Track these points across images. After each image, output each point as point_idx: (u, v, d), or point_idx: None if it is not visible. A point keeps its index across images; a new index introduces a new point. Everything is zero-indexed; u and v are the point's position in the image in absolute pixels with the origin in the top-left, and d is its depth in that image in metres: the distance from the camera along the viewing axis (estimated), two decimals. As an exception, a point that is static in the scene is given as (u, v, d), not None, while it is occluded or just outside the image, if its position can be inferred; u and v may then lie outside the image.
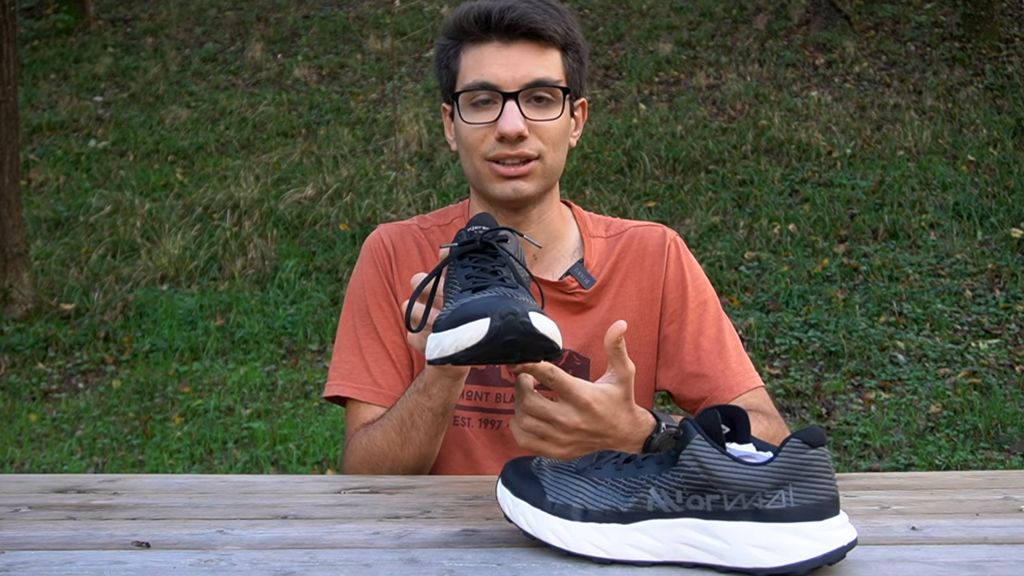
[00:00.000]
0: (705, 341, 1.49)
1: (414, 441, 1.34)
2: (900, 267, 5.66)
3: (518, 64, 1.38)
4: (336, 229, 6.49)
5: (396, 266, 1.52)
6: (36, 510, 1.19)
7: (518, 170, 1.40)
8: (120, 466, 4.35)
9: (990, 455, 4.08)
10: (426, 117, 7.75)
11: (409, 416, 1.33)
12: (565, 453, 1.15)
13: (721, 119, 7.58)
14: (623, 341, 1.13)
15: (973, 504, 1.18)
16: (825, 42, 8.50)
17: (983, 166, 6.71)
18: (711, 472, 0.93)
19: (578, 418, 1.13)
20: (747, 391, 1.46)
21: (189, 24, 10.01)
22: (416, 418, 1.32)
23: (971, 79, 7.84)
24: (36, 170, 7.55)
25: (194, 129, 8.06)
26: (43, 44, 9.76)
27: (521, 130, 1.37)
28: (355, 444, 1.42)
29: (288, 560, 1.00)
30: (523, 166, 1.40)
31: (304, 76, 8.76)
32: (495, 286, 1.06)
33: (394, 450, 1.36)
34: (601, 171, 6.95)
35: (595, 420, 1.14)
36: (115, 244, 6.52)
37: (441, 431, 1.36)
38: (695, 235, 6.12)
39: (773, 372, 4.86)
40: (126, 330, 5.66)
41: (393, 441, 1.36)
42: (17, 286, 5.82)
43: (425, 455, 1.37)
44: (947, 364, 4.83)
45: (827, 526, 0.93)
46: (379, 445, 1.38)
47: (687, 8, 9.43)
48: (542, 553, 1.00)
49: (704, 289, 1.53)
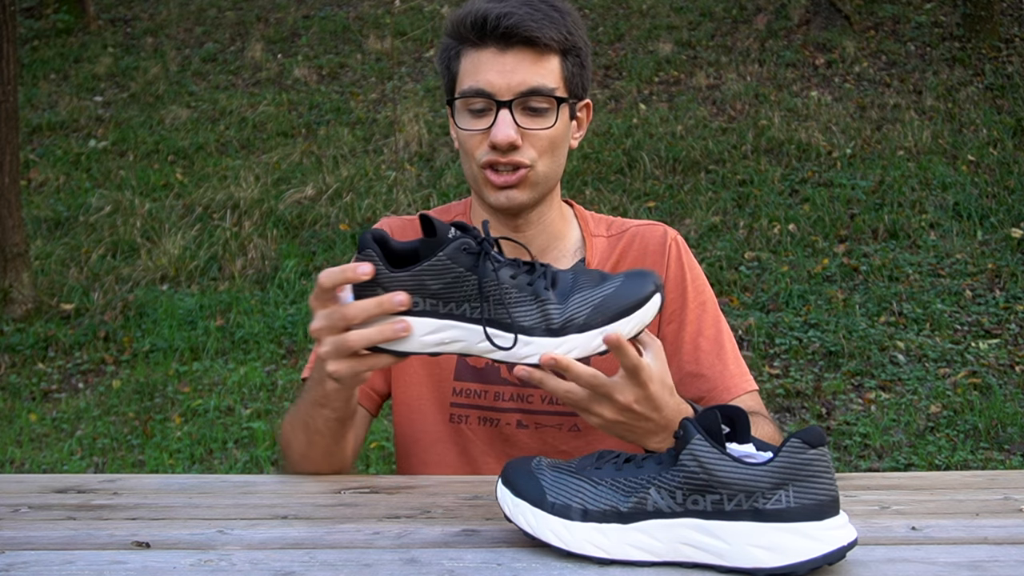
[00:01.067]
0: (704, 342, 1.49)
1: (319, 445, 1.34)
2: (900, 267, 5.66)
3: (513, 71, 1.37)
4: (336, 229, 6.50)
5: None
6: (36, 510, 1.19)
7: (508, 179, 1.39)
8: (120, 466, 4.35)
9: (990, 455, 4.08)
10: (426, 117, 7.75)
11: (312, 423, 1.31)
12: (604, 425, 1.16)
13: (721, 119, 7.58)
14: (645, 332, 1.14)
15: (973, 504, 1.18)
16: (825, 42, 8.50)
17: (983, 166, 6.71)
18: (711, 472, 0.94)
19: (632, 396, 1.13)
20: (744, 393, 1.46)
21: (189, 24, 10.01)
22: (320, 425, 1.31)
23: (971, 79, 7.84)
24: (36, 170, 7.55)
25: (194, 129, 8.06)
26: (43, 44, 9.76)
27: (513, 140, 1.36)
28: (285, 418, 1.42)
29: (288, 560, 1.00)
30: (514, 175, 1.39)
31: (304, 76, 8.76)
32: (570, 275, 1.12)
33: (302, 447, 1.36)
34: (601, 171, 6.95)
35: (647, 402, 1.14)
36: (115, 244, 6.52)
37: (349, 431, 1.34)
38: (695, 235, 6.12)
39: (773, 372, 4.86)
40: (126, 330, 5.66)
41: (300, 440, 1.35)
42: (17, 286, 5.82)
43: (335, 453, 1.36)
44: (947, 364, 4.83)
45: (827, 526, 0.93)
46: (288, 435, 1.38)
47: (687, 8, 9.43)
48: (542, 553, 1.00)
49: (704, 290, 1.53)
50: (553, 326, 1.07)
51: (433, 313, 1.07)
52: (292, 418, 1.38)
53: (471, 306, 1.07)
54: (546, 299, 1.08)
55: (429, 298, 1.06)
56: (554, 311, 1.08)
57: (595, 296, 1.08)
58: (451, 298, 1.06)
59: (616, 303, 1.08)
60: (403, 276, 1.06)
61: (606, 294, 1.09)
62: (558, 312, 1.08)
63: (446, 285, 1.06)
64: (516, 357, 1.08)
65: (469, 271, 1.06)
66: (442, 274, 1.06)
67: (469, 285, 1.06)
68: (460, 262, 1.06)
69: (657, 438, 1.19)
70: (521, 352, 1.08)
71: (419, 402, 1.51)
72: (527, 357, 1.08)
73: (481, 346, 1.08)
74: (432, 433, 1.50)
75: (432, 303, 1.07)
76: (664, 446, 1.19)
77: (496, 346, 1.07)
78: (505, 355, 1.08)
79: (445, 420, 1.50)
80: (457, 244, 1.06)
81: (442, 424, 1.50)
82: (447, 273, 1.06)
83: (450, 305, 1.07)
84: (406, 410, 1.52)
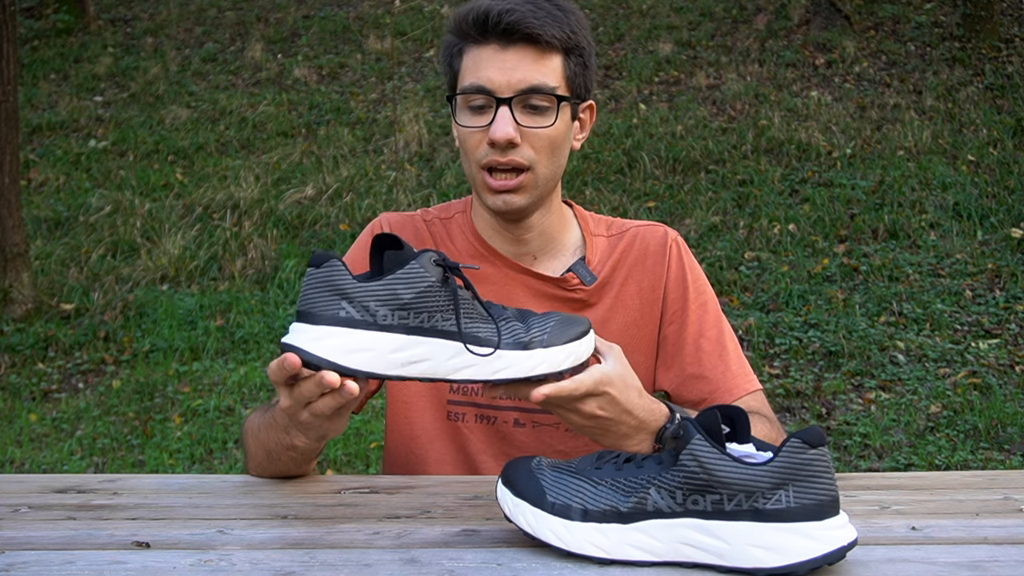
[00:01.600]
0: (706, 343, 1.49)
1: (281, 464, 1.33)
2: (900, 267, 5.66)
3: (514, 68, 1.36)
4: (336, 229, 6.50)
5: None
6: (36, 510, 1.19)
7: (507, 184, 1.38)
8: (120, 466, 4.35)
9: (990, 455, 4.08)
10: (426, 117, 7.75)
11: (276, 452, 1.30)
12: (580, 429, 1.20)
13: (721, 119, 7.58)
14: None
15: (973, 504, 1.18)
16: (825, 42, 8.50)
17: (983, 166, 6.71)
18: (711, 472, 0.94)
19: (594, 404, 1.16)
20: (747, 394, 1.46)
21: (189, 24, 10.01)
22: (284, 457, 1.30)
23: (971, 79, 7.84)
24: (36, 170, 7.55)
25: (194, 129, 8.06)
26: (43, 44, 9.75)
27: (512, 137, 1.35)
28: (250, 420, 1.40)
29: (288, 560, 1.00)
30: (513, 180, 1.38)
31: (304, 76, 8.76)
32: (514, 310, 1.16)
33: (262, 464, 1.35)
34: (601, 171, 6.95)
35: (613, 406, 1.17)
36: (115, 244, 6.52)
37: (314, 458, 1.34)
38: (695, 235, 6.12)
39: (773, 372, 4.86)
40: (126, 330, 5.66)
41: (261, 461, 1.35)
42: (17, 286, 5.82)
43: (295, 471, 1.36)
44: (947, 364, 4.83)
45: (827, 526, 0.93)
46: (249, 445, 1.38)
47: (687, 8, 9.43)
48: (542, 553, 1.00)
49: (704, 290, 1.53)
50: (522, 340, 1.09)
51: (402, 328, 1.03)
52: (256, 433, 1.34)
53: (443, 317, 1.05)
54: (508, 318, 1.11)
55: (399, 310, 1.03)
56: (519, 329, 1.10)
57: (548, 322, 1.12)
58: (423, 308, 1.04)
59: (565, 330, 1.12)
60: (374, 286, 1.03)
61: (556, 321, 1.13)
62: (523, 330, 1.10)
63: (419, 295, 1.03)
64: (489, 371, 1.07)
65: (440, 283, 1.05)
66: (415, 283, 1.03)
67: (442, 296, 1.05)
68: (432, 272, 1.05)
69: (633, 440, 1.20)
70: (495, 365, 1.07)
71: (416, 399, 1.50)
72: (500, 371, 1.08)
73: (449, 363, 1.06)
74: (430, 431, 1.50)
75: (402, 316, 1.03)
76: (643, 447, 1.20)
77: (475, 355, 1.06)
78: (476, 371, 1.07)
79: (442, 417, 1.49)
80: (428, 255, 1.05)
81: (439, 422, 1.49)
82: (420, 282, 1.04)
83: (422, 316, 1.04)
84: (403, 408, 1.52)
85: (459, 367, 1.06)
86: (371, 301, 1.02)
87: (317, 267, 1.02)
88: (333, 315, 1.01)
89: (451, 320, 1.05)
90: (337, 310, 1.01)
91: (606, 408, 1.16)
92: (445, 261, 1.06)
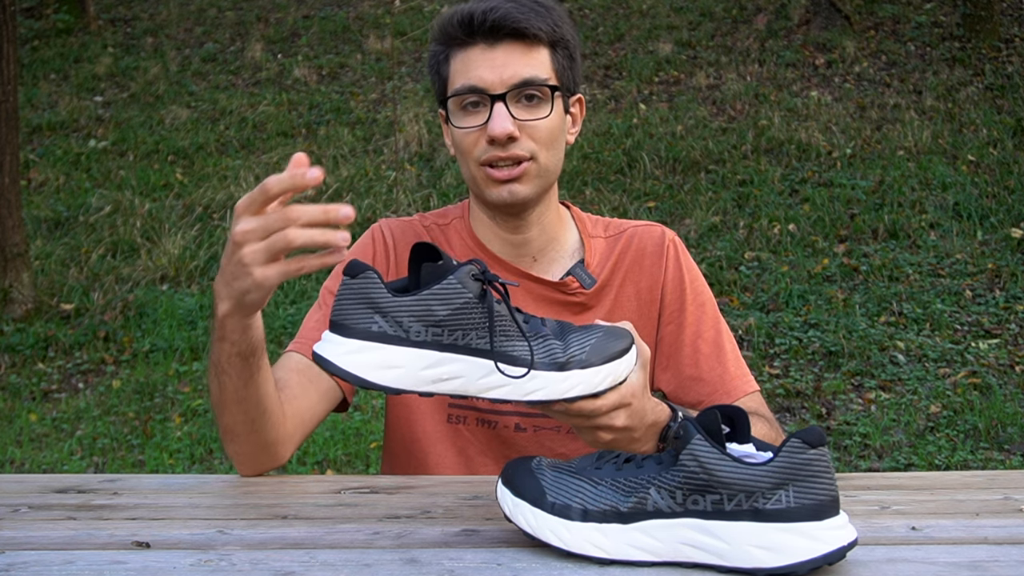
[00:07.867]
0: (703, 344, 1.48)
1: (229, 388, 1.24)
2: (900, 267, 5.66)
3: (504, 65, 1.37)
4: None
5: (396, 260, 1.52)
6: (36, 510, 1.19)
7: (511, 173, 1.39)
8: (120, 466, 4.35)
9: (990, 455, 4.08)
10: (426, 117, 7.75)
11: (218, 363, 1.23)
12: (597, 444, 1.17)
13: (721, 119, 7.58)
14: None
15: (973, 504, 1.18)
16: (825, 42, 8.50)
17: (983, 166, 6.71)
18: (711, 472, 0.94)
19: (624, 417, 1.13)
20: (745, 395, 1.46)
21: (189, 24, 10.01)
22: (225, 364, 1.22)
23: (971, 79, 7.84)
24: (36, 170, 7.55)
25: (194, 129, 8.06)
26: (43, 44, 9.75)
27: (510, 131, 1.36)
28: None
29: (288, 560, 1.00)
30: (516, 168, 1.39)
31: (304, 76, 8.76)
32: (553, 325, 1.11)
33: (216, 395, 1.27)
34: (601, 171, 6.95)
35: (634, 416, 1.14)
36: (115, 244, 6.53)
37: (256, 378, 1.24)
38: (695, 235, 6.12)
39: (773, 372, 4.86)
40: (126, 330, 5.66)
41: (215, 392, 1.27)
42: (17, 286, 5.82)
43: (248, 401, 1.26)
44: (947, 364, 4.83)
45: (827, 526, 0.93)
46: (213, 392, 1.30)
47: (687, 8, 9.43)
48: (542, 553, 1.00)
49: (702, 291, 1.53)
50: (559, 360, 1.05)
51: (435, 344, 1.00)
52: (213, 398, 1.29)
53: (478, 335, 1.01)
54: (546, 335, 1.06)
55: (433, 327, 1.00)
56: (556, 347, 1.05)
57: (589, 338, 1.07)
58: (458, 326, 1.00)
59: (606, 347, 1.07)
60: (408, 300, 0.99)
61: (597, 337, 1.08)
62: (560, 348, 1.05)
63: (454, 311, 1.00)
64: (522, 392, 1.04)
65: (478, 299, 1.01)
66: (451, 299, 1.00)
67: (478, 313, 1.01)
68: (470, 288, 1.01)
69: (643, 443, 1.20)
70: (528, 386, 1.04)
71: (417, 402, 1.50)
72: (533, 392, 1.04)
73: (481, 382, 1.03)
74: (431, 434, 1.49)
75: (435, 332, 1.00)
76: (648, 447, 1.20)
77: (508, 376, 1.02)
78: (509, 390, 1.03)
79: (443, 420, 1.49)
80: (466, 269, 1.01)
81: (440, 424, 1.49)
82: (456, 298, 1.00)
83: (456, 334, 1.01)
84: (404, 410, 1.51)
85: (491, 386, 1.03)
86: (405, 316, 0.99)
87: (352, 277, 1.01)
88: (365, 329, 0.99)
89: (486, 338, 1.01)
90: (370, 324, 0.99)
91: (630, 418, 1.13)
92: (485, 275, 1.02)
